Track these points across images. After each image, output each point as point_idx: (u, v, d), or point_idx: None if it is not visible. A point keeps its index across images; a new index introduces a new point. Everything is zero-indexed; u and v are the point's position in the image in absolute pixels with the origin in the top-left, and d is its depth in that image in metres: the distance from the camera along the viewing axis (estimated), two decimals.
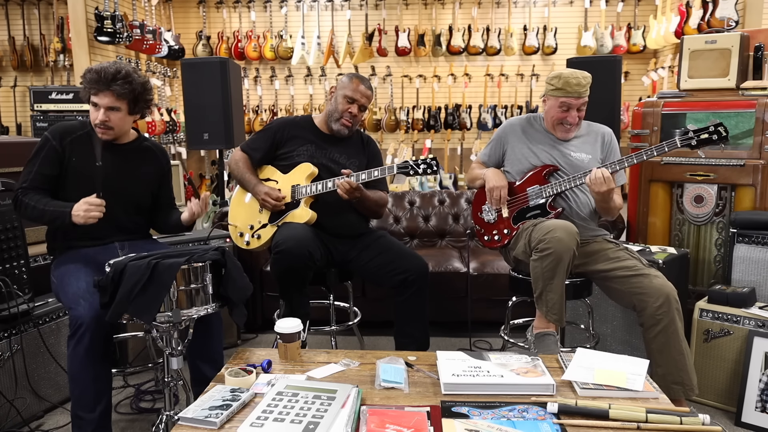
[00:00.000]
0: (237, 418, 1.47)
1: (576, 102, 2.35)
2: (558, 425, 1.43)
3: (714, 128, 2.17)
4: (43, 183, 2.09)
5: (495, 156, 2.59)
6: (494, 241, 2.51)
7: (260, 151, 2.59)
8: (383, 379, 1.66)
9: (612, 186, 2.22)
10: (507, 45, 5.80)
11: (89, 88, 2.08)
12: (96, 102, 2.08)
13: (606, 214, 2.40)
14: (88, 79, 2.07)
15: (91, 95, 2.09)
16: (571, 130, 2.43)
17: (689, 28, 4.82)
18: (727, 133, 2.16)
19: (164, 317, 1.74)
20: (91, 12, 5.04)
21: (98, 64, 2.11)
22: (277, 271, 2.34)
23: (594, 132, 2.49)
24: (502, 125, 2.63)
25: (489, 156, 2.61)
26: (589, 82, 2.37)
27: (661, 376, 2.09)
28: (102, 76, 2.05)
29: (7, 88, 6.00)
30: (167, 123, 5.81)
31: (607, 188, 2.20)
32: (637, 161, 2.32)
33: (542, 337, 2.21)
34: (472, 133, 6.08)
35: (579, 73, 2.35)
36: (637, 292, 2.18)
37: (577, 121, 2.40)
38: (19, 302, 2.27)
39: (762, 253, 2.50)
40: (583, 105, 2.38)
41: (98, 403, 1.93)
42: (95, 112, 2.10)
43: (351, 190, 2.36)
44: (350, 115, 2.52)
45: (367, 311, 2.93)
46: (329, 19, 6.04)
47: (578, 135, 2.47)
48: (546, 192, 2.38)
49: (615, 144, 2.48)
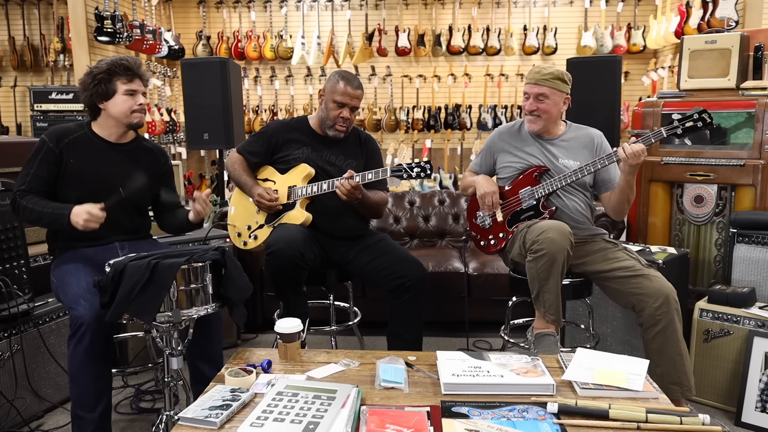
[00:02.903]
0: (237, 418, 1.48)
1: (531, 89, 2.36)
2: (558, 425, 1.43)
3: (698, 116, 2.17)
4: (41, 185, 2.08)
5: (486, 165, 2.59)
6: (491, 246, 2.51)
7: (256, 156, 2.59)
8: (383, 379, 1.66)
9: (646, 154, 2.18)
10: (507, 45, 5.80)
11: (122, 77, 2.12)
12: (133, 89, 2.15)
13: (626, 203, 2.33)
14: (123, 66, 2.12)
15: (123, 84, 2.13)
16: (534, 121, 2.40)
17: (689, 28, 4.82)
18: (712, 120, 2.16)
19: (164, 317, 1.74)
20: (91, 12, 5.03)
21: (108, 59, 2.15)
22: (269, 272, 2.34)
23: (583, 136, 2.45)
24: (491, 135, 2.63)
25: (480, 165, 2.62)
26: (555, 74, 2.34)
27: (659, 377, 2.09)
28: (132, 64, 2.15)
29: (7, 88, 6.00)
30: (167, 123, 5.81)
31: (643, 159, 2.17)
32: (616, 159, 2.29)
33: (542, 338, 2.21)
34: (472, 133, 6.08)
35: (550, 66, 2.39)
36: (636, 293, 2.18)
37: (535, 109, 2.37)
38: (19, 302, 2.27)
39: (762, 253, 2.50)
40: (541, 95, 2.35)
41: (98, 403, 1.93)
42: (130, 100, 2.14)
43: (351, 192, 2.35)
44: (343, 120, 2.50)
45: (367, 311, 2.93)
46: (329, 19, 6.04)
47: (565, 139, 2.44)
48: (538, 192, 2.38)
49: (606, 145, 2.44)
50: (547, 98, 2.35)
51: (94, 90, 2.11)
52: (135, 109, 2.15)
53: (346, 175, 2.36)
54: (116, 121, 2.16)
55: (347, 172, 2.37)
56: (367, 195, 2.45)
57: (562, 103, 2.40)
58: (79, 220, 1.96)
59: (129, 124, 2.18)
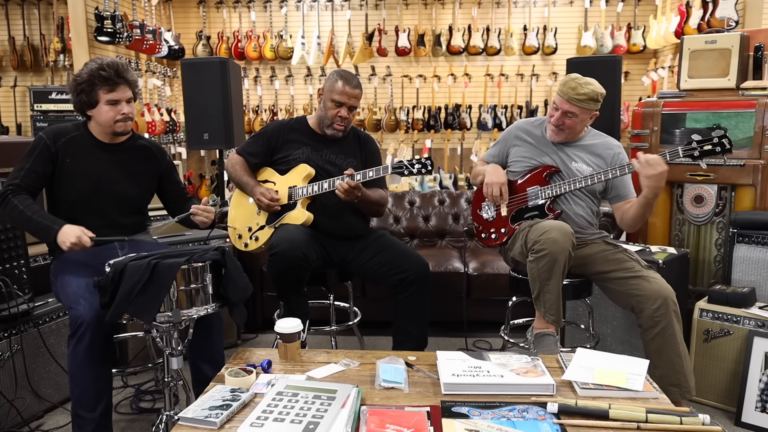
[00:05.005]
0: (237, 418, 1.48)
1: (561, 104, 2.30)
2: (558, 425, 1.43)
3: (718, 140, 2.13)
4: (35, 181, 2.07)
5: (500, 156, 2.58)
6: (491, 240, 2.51)
7: (256, 156, 2.59)
8: (383, 379, 1.66)
9: (665, 167, 2.11)
10: (507, 45, 5.80)
11: (102, 87, 2.06)
12: (116, 98, 2.08)
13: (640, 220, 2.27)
14: (101, 77, 2.05)
15: (104, 94, 2.07)
16: (557, 133, 2.37)
17: (689, 28, 4.82)
18: (731, 145, 2.13)
19: (164, 317, 1.74)
20: (91, 12, 5.03)
21: (93, 63, 2.08)
22: (272, 272, 2.34)
23: (600, 144, 2.42)
24: (510, 126, 2.61)
25: (494, 156, 2.60)
26: (590, 95, 2.26)
27: (658, 378, 2.09)
28: (116, 70, 2.06)
29: (7, 88, 6.00)
30: (167, 123, 5.81)
31: (661, 170, 2.10)
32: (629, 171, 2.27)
33: (542, 337, 2.21)
34: (472, 133, 6.08)
35: (587, 82, 2.27)
36: (634, 294, 2.18)
37: (561, 124, 2.33)
38: (19, 302, 2.27)
39: (762, 253, 2.50)
40: (570, 113, 2.30)
41: (99, 403, 1.93)
42: (114, 110, 2.09)
43: (350, 191, 2.34)
44: (341, 119, 2.50)
45: (367, 311, 2.93)
46: (329, 19, 6.04)
47: (583, 144, 2.42)
48: (545, 193, 2.37)
49: (623, 156, 2.40)
50: (576, 116, 2.31)
51: (77, 99, 2.10)
52: (118, 119, 2.11)
53: (346, 173, 2.36)
54: (102, 127, 2.16)
55: (347, 170, 2.38)
56: (366, 193, 2.45)
57: (588, 119, 2.37)
58: (66, 240, 1.94)
59: (113, 132, 2.16)
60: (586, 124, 2.40)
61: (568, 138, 2.40)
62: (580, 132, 2.41)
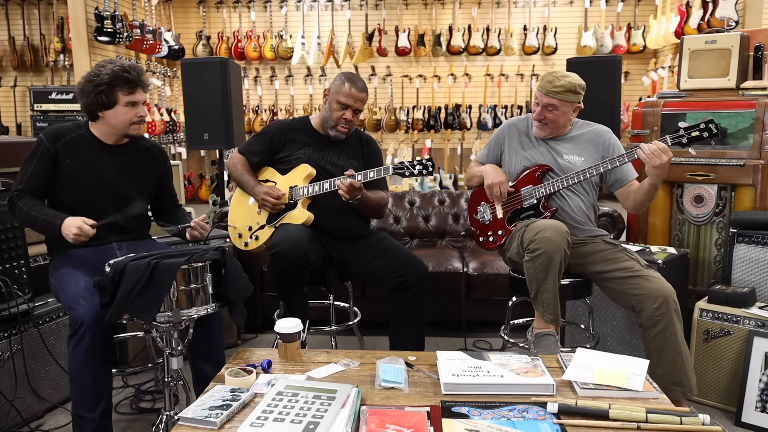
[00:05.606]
0: (237, 418, 1.47)
1: (541, 98, 2.34)
2: (558, 425, 1.43)
3: (705, 125, 2.16)
4: (39, 185, 2.09)
5: (493, 156, 2.59)
6: (489, 243, 2.52)
7: (258, 156, 2.59)
8: (383, 379, 1.66)
9: (671, 153, 2.14)
10: (507, 45, 5.80)
11: (123, 89, 2.08)
12: (134, 100, 2.11)
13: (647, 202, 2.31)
14: (125, 79, 2.07)
15: (124, 96, 2.08)
16: (541, 128, 2.40)
17: (689, 28, 4.82)
18: (719, 130, 2.15)
19: (164, 317, 1.74)
20: (91, 12, 5.03)
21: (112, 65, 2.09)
22: (273, 272, 2.34)
23: (589, 133, 2.45)
24: (501, 126, 2.62)
25: (487, 156, 2.62)
26: (567, 86, 2.29)
27: (659, 377, 2.09)
28: (134, 76, 2.09)
29: (7, 88, 6.00)
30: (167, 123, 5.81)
31: (668, 158, 2.13)
32: (629, 159, 2.29)
33: (542, 337, 2.21)
34: (472, 133, 6.08)
35: (564, 75, 2.32)
36: (635, 294, 2.18)
37: (543, 118, 2.36)
38: (19, 302, 2.27)
39: (762, 253, 2.50)
40: (551, 105, 2.33)
41: (99, 403, 1.93)
42: (132, 111, 2.11)
43: (352, 190, 2.35)
44: (345, 121, 2.50)
45: (367, 311, 2.93)
46: (329, 19, 6.04)
47: (571, 136, 2.44)
48: (539, 192, 2.38)
49: (614, 141, 2.42)
50: (556, 109, 2.34)
51: (94, 99, 2.09)
52: (134, 121, 2.14)
53: (346, 173, 2.36)
54: (114, 129, 2.16)
55: (348, 170, 2.38)
56: (366, 195, 2.44)
57: (571, 112, 2.38)
58: (69, 232, 1.96)
59: (126, 134, 2.17)
60: (570, 117, 2.41)
61: (553, 132, 2.42)
62: (565, 125, 2.43)
